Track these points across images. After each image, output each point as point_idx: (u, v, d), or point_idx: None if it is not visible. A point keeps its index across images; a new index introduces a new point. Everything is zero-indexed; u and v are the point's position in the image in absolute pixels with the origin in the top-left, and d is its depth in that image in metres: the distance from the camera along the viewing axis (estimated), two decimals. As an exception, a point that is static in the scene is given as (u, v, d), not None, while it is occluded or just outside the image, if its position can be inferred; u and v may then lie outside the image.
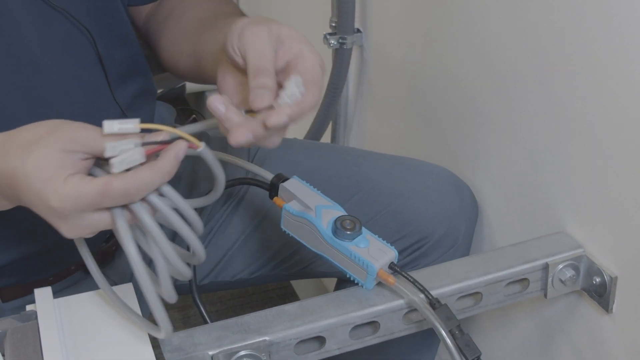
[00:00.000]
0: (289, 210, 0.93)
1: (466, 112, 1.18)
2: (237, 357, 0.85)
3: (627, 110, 0.88)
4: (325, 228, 0.91)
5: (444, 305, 0.85)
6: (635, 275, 0.93)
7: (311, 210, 0.92)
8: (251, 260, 1.13)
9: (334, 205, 0.93)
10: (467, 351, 0.82)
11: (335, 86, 1.45)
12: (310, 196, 0.93)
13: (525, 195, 1.08)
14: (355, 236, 0.90)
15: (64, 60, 0.94)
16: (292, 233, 0.94)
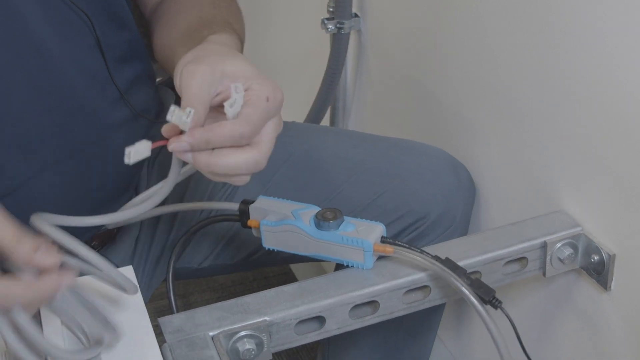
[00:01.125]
0: (268, 224, 0.92)
1: (463, 94, 1.18)
2: (238, 337, 0.85)
3: (625, 87, 0.88)
4: (309, 225, 0.91)
5: (447, 258, 0.86)
6: (634, 253, 0.93)
7: (289, 216, 0.92)
8: (250, 242, 1.13)
9: (309, 206, 0.93)
10: (482, 293, 0.85)
11: (334, 71, 1.46)
12: (283, 205, 0.93)
13: (522, 174, 1.08)
14: (339, 223, 0.90)
15: (64, 44, 0.94)
16: (277, 247, 0.93)
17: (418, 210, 1.08)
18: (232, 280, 1.94)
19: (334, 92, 1.49)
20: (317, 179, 1.10)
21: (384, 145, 1.14)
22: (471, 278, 0.86)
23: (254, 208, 0.94)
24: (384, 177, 1.10)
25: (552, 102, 0.99)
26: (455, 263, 0.87)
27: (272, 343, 0.88)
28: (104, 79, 0.98)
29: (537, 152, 1.04)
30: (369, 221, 0.91)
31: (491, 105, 1.11)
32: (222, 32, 0.94)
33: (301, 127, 1.20)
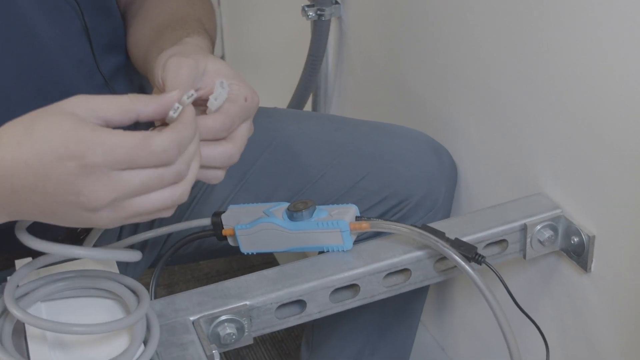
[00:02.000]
0: (242, 227, 0.92)
1: (443, 78, 1.18)
2: (218, 322, 0.85)
3: (604, 71, 0.88)
4: (282, 220, 0.91)
5: (424, 225, 0.87)
6: (613, 234, 0.94)
7: (262, 215, 0.92)
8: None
9: (279, 203, 0.93)
10: (465, 251, 0.87)
11: (315, 58, 1.46)
12: (254, 209, 0.93)
13: (502, 157, 1.09)
14: (312, 212, 0.90)
15: (53, 29, 0.94)
16: (256, 250, 0.93)
17: (400, 192, 1.08)
18: (217, 270, 1.94)
19: (315, 79, 1.49)
20: (300, 163, 1.11)
21: (366, 128, 1.15)
22: (451, 239, 0.87)
23: (226, 217, 0.93)
24: (366, 159, 1.10)
25: (531, 85, 1.00)
26: (432, 227, 0.88)
27: (253, 327, 0.88)
28: (90, 66, 0.99)
29: (517, 136, 1.05)
30: (342, 205, 0.91)
31: (471, 89, 1.12)
32: (196, 35, 0.94)
33: (283, 112, 1.20)
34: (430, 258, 0.93)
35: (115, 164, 0.66)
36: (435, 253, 0.92)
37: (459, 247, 0.87)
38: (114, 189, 0.66)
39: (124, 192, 0.67)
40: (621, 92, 0.86)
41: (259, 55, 2.06)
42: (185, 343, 0.81)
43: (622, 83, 0.86)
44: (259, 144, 1.13)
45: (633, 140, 0.86)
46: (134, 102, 0.70)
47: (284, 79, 1.62)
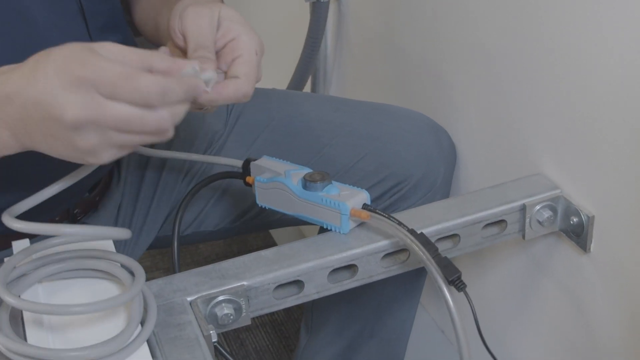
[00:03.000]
0: (260, 180, 0.94)
1: (443, 59, 1.17)
2: (216, 302, 0.85)
3: (602, 50, 0.88)
4: (296, 184, 0.92)
5: (421, 233, 0.85)
6: (612, 214, 0.93)
7: (281, 174, 0.93)
8: (233, 208, 1.13)
9: (303, 168, 0.94)
10: (446, 272, 0.83)
11: (314, 40, 1.45)
12: (280, 166, 0.95)
13: (502, 138, 1.08)
14: (325, 186, 0.91)
15: (48, 10, 0.93)
16: (269, 205, 0.95)
17: (399, 173, 1.07)
18: (217, 253, 1.94)
19: (314, 61, 1.49)
20: (299, 143, 1.10)
21: (365, 109, 1.14)
22: (440, 256, 0.84)
23: (255, 166, 0.96)
24: (365, 140, 1.10)
25: (531, 66, 0.99)
26: (428, 239, 0.86)
27: (250, 308, 0.87)
28: None
29: (517, 116, 1.04)
30: (356, 188, 0.91)
31: (471, 69, 1.11)
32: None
33: (282, 93, 1.20)
34: (429, 238, 0.93)
35: (100, 85, 0.68)
36: (433, 234, 0.92)
37: (444, 267, 0.83)
38: (93, 109, 0.68)
39: (105, 120, 0.68)
40: (620, 72, 0.86)
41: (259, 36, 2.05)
42: (183, 323, 0.81)
43: (621, 62, 0.85)
44: (257, 124, 1.13)
45: (632, 121, 0.86)
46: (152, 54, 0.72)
47: (283, 60, 1.61)
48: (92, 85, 0.68)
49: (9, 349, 0.72)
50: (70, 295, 0.81)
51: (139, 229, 1.13)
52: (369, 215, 0.88)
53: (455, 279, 0.83)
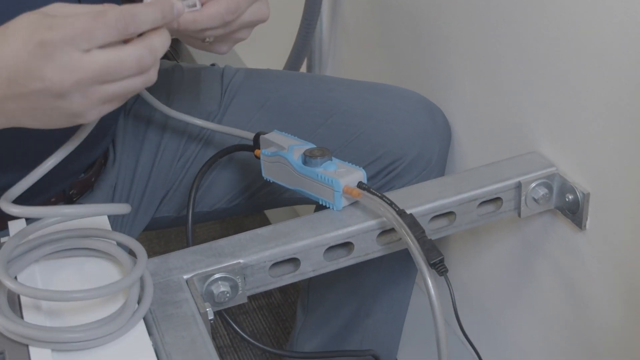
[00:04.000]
0: (265, 153, 0.96)
1: (437, 38, 1.17)
2: (212, 280, 0.85)
3: (595, 28, 0.88)
4: (296, 159, 0.93)
5: (410, 214, 0.85)
6: (607, 191, 0.93)
7: (284, 149, 0.94)
8: (228, 189, 1.13)
9: (307, 144, 0.95)
10: (430, 255, 0.82)
11: (309, 22, 1.45)
12: (287, 141, 0.96)
13: (497, 116, 1.08)
14: (323, 162, 0.91)
15: None
16: (272, 178, 0.97)
17: (394, 152, 1.07)
18: (213, 237, 1.93)
19: (309, 42, 1.48)
20: (293, 124, 1.10)
21: (359, 88, 1.14)
22: (425, 238, 0.84)
23: (264, 139, 0.98)
24: (359, 119, 1.10)
25: (526, 43, 0.99)
26: (415, 220, 0.85)
27: (246, 286, 0.87)
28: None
29: (511, 94, 1.04)
30: (355, 166, 0.91)
31: (465, 49, 1.11)
32: None
33: (276, 73, 1.20)
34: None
35: (75, 40, 0.67)
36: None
37: (428, 250, 0.82)
38: (75, 70, 0.67)
39: (86, 76, 0.68)
40: (615, 49, 0.86)
41: (254, 20, 2.04)
42: (179, 301, 0.81)
43: (616, 38, 0.85)
44: (252, 104, 1.13)
45: (627, 98, 0.86)
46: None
47: (279, 42, 1.61)
48: (66, 44, 0.67)
49: (8, 330, 0.72)
50: (67, 276, 0.81)
51: (135, 210, 1.13)
52: (361, 193, 0.88)
53: (437, 262, 0.82)
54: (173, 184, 1.13)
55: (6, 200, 0.77)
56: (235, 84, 1.15)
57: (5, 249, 0.78)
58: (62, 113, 0.70)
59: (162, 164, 1.12)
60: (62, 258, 0.83)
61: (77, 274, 0.81)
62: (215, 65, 1.20)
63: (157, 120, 1.13)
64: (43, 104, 0.69)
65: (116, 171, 1.10)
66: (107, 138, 1.07)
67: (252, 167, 1.11)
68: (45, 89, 0.68)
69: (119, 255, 0.80)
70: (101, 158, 1.09)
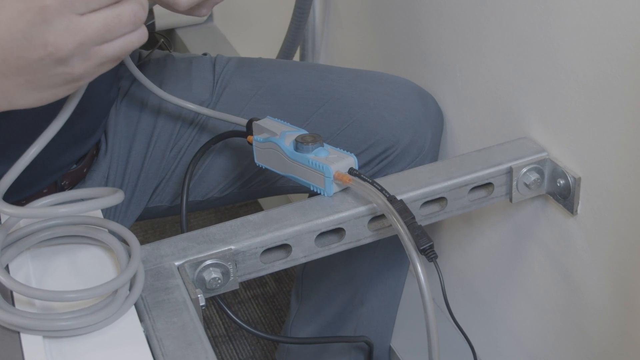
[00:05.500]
0: (257, 140, 0.96)
1: (428, 25, 1.17)
2: (203, 266, 0.85)
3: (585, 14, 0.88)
4: (288, 145, 0.93)
5: (400, 200, 0.85)
6: (598, 176, 0.94)
7: (276, 135, 0.94)
8: (221, 178, 1.13)
9: (299, 130, 0.95)
10: (418, 241, 0.82)
11: (302, 10, 1.45)
12: (280, 127, 0.96)
13: (488, 102, 1.08)
14: (314, 148, 0.91)
15: None
16: (265, 164, 0.97)
17: (387, 139, 1.08)
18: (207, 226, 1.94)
19: (302, 31, 1.48)
20: (285, 112, 1.10)
21: (351, 75, 1.14)
22: (415, 225, 0.84)
23: (256, 125, 0.98)
24: (351, 107, 1.10)
25: (516, 29, 0.99)
26: (405, 206, 0.85)
27: (238, 272, 0.88)
28: None
29: (502, 80, 1.04)
30: (346, 152, 0.91)
31: (456, 35, 1.11)
32: None
33: (268, 62, 1.20)
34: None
35: (73, 5, 0.67)
36: (419, 198, 0.93)
37: (418, 237, 0.82)
38: (77, 33, 0.68)
39: (88, 37, 0.68)
40: (606, 33, 0.86)
41: (249, 13, 2.04)
42: (171, 287, 0.81)
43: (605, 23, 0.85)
44: (244, 93, 1.13)
45: (618, 83, 0.86)
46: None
47: (272, 31, 1.61)
48: (65, 7, 0.67)
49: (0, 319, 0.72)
50: (60, 265, 0.81)
51: (128, 199, 1.13)
52: (351, 179, 0.89)
53: (427, 248, 0.82)
54: (166, 173, 1.13)
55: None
56: (227, 73, 1.15)
57: None
58: (63, 79, 0.70)
59: (154, 154, 1.12)
60: (54, 245, 0.83)
61: (70, 264, 0.81)
62: (207, 54, 1.20)
63: (149, 110, 1.12)
64: (43, 73, 0.69)
65: (108, 161, 1.10)
66: (99, 130, 1.07)
67: (244, 154, 1.11)
68: (48, 56, 0.68)
69: (112, 243, 0.80)
70: (93, 149, 1.09)
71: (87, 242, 0.83)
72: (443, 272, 1.32)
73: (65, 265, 0.81)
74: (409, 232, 0.83)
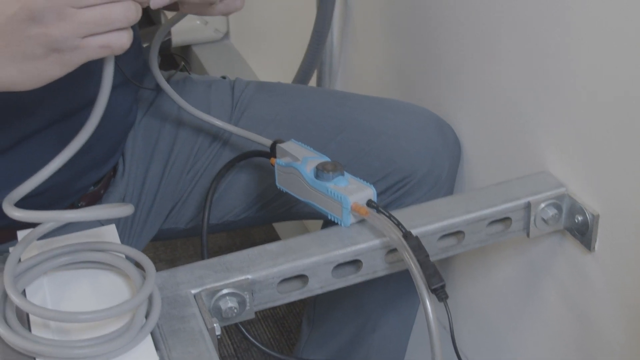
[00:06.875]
0: (280, 163, 0.96)
1: (448, 55, 1.17)
2: (220, 295, 0.85)
3: (607, 48, 0.87)
4: (308, 172, 0.93)
5: (416, 237, 0.85)
6: (617, 213, 0.93)
7: (298, 160, 0.95)
8: (237, 202, 1.13)
9: (322, 156, 0.95)
10: (431, 279, 0.82)
11: (320, 34, 1.45)
12: (303, 152, 0.96)
13: (507, 135, 1.08)
14: (335, 177, 0.91)
15: None
16: (285, 188, 0.97)
17: (404, 168, 1.07)
18: (219, 246, 1.94)
19: (320, 55, 1.48)
20: (303, 138, 1.10)
21: (369, 103, 1.14)
22: (428, 262, 0.83)
23: (280, 148, 0.98)
24: (369, 135, 1.10)
25: (537, 63, 0.99)
26: (420, 243, 0.85)
27: (254, 302, 0.87)
28: None
29: (522, 113, 1.04)
30: (365, 182, 0.91)
31: (476, 66, 1.11)
32: None
33: (287, 87, 1.20)
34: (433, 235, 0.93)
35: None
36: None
37: (430, 276, 0.82)
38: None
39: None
40: (625, 70, 0.86)
41: (264, 30, 2.05)
42: (187, 316, 0.81)
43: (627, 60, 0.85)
44: (262, 118, 1.13)
45: (638, 120, 0.86)
46: None
47: (289, 54, 1.61)
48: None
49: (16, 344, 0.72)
50: (76, 290, 0.81)
51: (142, 221, 1.13)
52: (368, 212, 0.88)
53: (438, 288, 0.82)
54: (182, 195, 1.13)
55: (9, 203, 0.76)
56: (246, 97, 1.15)
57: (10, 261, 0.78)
58: (40, 43, 0.69)
59: (171, 176, 1.12)
60: (70, 270, 0.83)
61: (86, 289, 0.81)
62: (227, 78, 1.21)
63: (167, 132, 1.13)
64: (19, 34, 0.69)
65: (125, 183, 1.10)
66: (117, 154, 1.07)
67: (265, 175, 1.11)
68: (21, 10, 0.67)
69: (127, 269, 0.80)
70: (110, 170, 1.09)
71: (103, 268, 0.83)
72: (456, 302, 1.32)
73: (81, 291, 0.81)
74: (421, 271, 0.83)
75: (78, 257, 0.82)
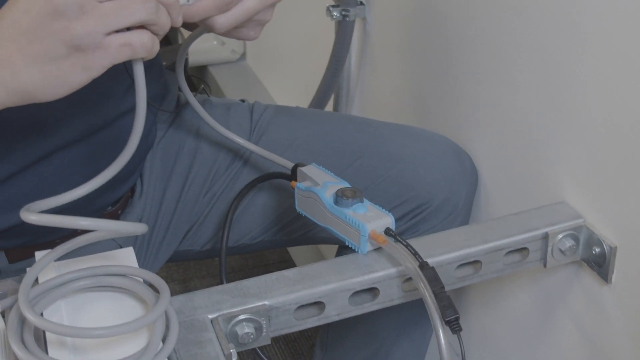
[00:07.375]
0: (300, 187, 0.97)
1: (466, 83, 1.17)
2: (237, 321, 0.85)
3: (624, 79, 0.88)
4: (328, 198, 0.93)
5: (432, 267, 0.85)
6: (635, 246, 0.93)
7: (318, 185, 0.95)
8: (253, 225, 1.14)
9: (342, 182, 0.95)
10: (445, 312, 0.82)
11: (338, 58, 1.45)
12: (323, 176, 0.97)
13: (525, 164, 1.08)
14: (354, 203, 0.91)
15: None
16: (304, 212, 0.97)
17: (421, 195, 1.08)
18: (232, 267, 1.94)
19: (337, 79, 1.49)
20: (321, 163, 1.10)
21: (387, 130, 1.15)
22: (444, 294, 0.84)
23: (301, 172, 0.99)
24: (387, 161, 1.10)
25: (555, 92, 0.99)
26: (436, 274, 0.85)
27: (271, 328, 0.87)
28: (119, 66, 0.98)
29: (539, 143, 1.04)
30: (383, 210, 0.91)
31: (494, 94, 1.11)
32: None
33: (305, 112, 1.20)
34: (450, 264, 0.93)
35: None
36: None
37: (444, 308, 0.83)
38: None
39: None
40: (648, 103, 0.86)
41: (282, 54, 2.05)
42: (203, 341, 0.81)
43: (650, 94, 0.85)
44: (281, 142, 1.13)
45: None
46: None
47: (307, 78, 1.62)
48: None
49: None
50: (93, 312, 0.81)
51: (159, 242, 1.13)
52: (386, 240, 0.89)
53: (452, 320, 0.83)
54: (198, 217, 1.14)
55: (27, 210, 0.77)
56: (264, 121, 1.16)
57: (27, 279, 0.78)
58: (63, 41, 0.70)
59: (188, 197, 1.13)
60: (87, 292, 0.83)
61: (103, 312, 0.81)
62: (245, 101, 1.21)
63: (185, 154, 1.13)
64: (41, 31, 0.69)
65: (142, 204, 1.10)
66: (135, 174, 1.08)
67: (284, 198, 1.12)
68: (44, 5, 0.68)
69: (145, 294, 0.81)
70: (128, 191, 1.09)
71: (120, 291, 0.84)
72: (470, 330, 1.32)
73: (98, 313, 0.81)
74: (436, 302, 0.83)
75: (96, 281, 0.82)
